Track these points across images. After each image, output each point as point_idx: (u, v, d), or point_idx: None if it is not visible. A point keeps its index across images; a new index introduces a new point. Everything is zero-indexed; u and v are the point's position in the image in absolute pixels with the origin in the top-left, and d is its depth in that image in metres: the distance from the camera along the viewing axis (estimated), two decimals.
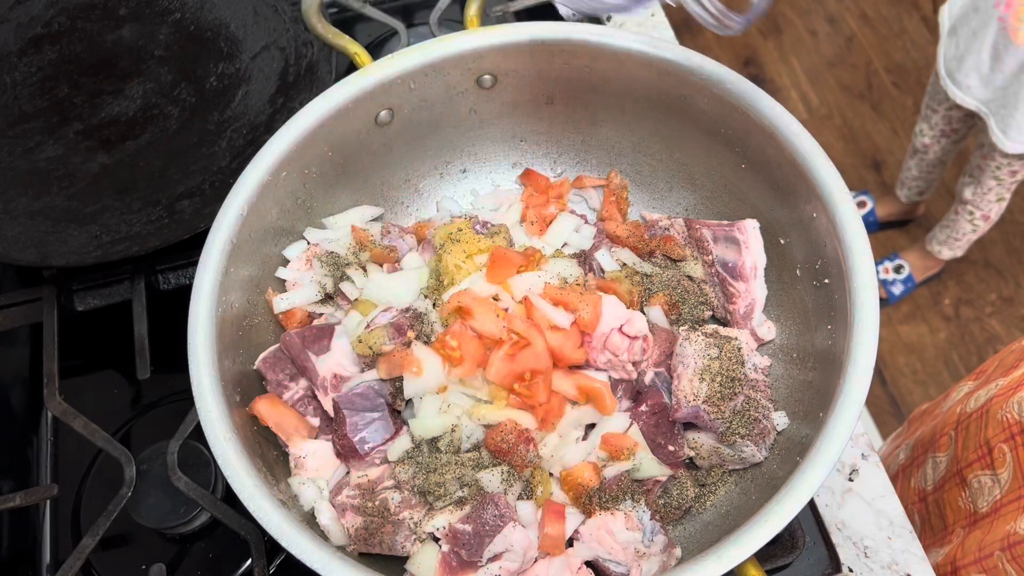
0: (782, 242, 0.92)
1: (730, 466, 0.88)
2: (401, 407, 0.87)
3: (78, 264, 1.03)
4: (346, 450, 0.85)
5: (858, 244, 0.80)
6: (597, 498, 0.83)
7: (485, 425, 0.84)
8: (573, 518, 0.84)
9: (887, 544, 0.95)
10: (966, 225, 2.43)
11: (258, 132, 1.12)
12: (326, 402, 0.87)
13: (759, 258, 0.93)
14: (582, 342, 0.86)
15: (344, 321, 0.89)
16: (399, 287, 0.90)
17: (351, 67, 0.99)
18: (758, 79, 2.92)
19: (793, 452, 0.82)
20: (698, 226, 0.95)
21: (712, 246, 0.93)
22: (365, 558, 0.82)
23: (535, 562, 0.83)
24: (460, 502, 0.82)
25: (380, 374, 0.86)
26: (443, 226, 0.94)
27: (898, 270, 2.66)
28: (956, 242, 2.50)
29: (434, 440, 0.84)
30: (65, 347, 1.03)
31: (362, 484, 0.84)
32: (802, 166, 0.84)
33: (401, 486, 0.83)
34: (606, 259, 0.94)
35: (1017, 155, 2.11)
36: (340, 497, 0.83)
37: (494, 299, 0.88)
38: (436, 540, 0.82)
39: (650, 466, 0.87)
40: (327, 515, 0.83)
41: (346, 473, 0.87)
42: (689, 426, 0.88)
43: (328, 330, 0.88)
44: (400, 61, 0.92)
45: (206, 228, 0.85)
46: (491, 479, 0.82)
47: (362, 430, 0.84)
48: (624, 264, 0.94)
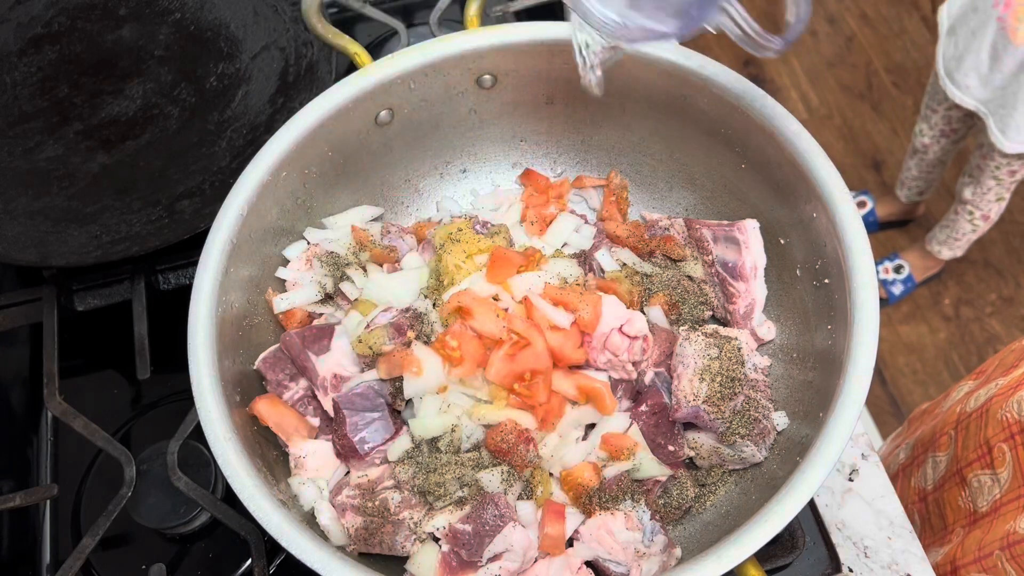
0: (782, 242, 0.92)
1: (730, 466, 0.88)
2: (401, 407, 0.87)
3: (78, 264, 1.03)
4: (346, 450, 0.85)
5: (858, 244, 0.80)
6: (597, 498, 0.83)
7: (485, 425, 0.84)
8: (573, 518, 0.84)
9: (887, 544, 0.95)
10: (966, 225, 2.43)
11: (258, 132, 1.12)
12: (326, 402, 0.87)
13: (759, 258, 0.93)
14: (582, 342, 0.86)
15: (344, 321, 0.89)
16: (399, 287, 0.90)
17: (351, 67, 0.99)
18: (758, 79, 2.92)
19: (793, 452, 0.82)
20: (698, 226, 0.95)
21: (712, 246, 0.93)
22: (365, 558, 0.82)
23: (535, 562, 0.83)
24: (460, 502, 0.82)
25: (380, 374, 0.85)
26: (443, 226, 0.94)
27: (898, 270, 2.66)
28: (956, 242, 2.50)
29: (434, 440, 0.84)
30: (65, 347, 1.03)
31: (362, 484, 0.84)
32: (802, 166, 0.85)
33: (401, 486, 0.83)
34: (606, 259, 0.94)
35: (1016, 155, 2.11)
36: (340, 497, 0.83)
37: (494, 299, 0.88)
38: (436, 540, 0.82)
39: (650, 466, 0.87)
40: (327, 515, 0.83)
41: (346, 473, 0.87)
42: (689, 426, 0.88)
43: (328, 330, 0.88)
44: (400, 61, 0.92)
45: (206, 228, 0.85)
46: (491, 479, 0.82)
47: (362, 430, 0.84)
48: (624, 264, 0.94)
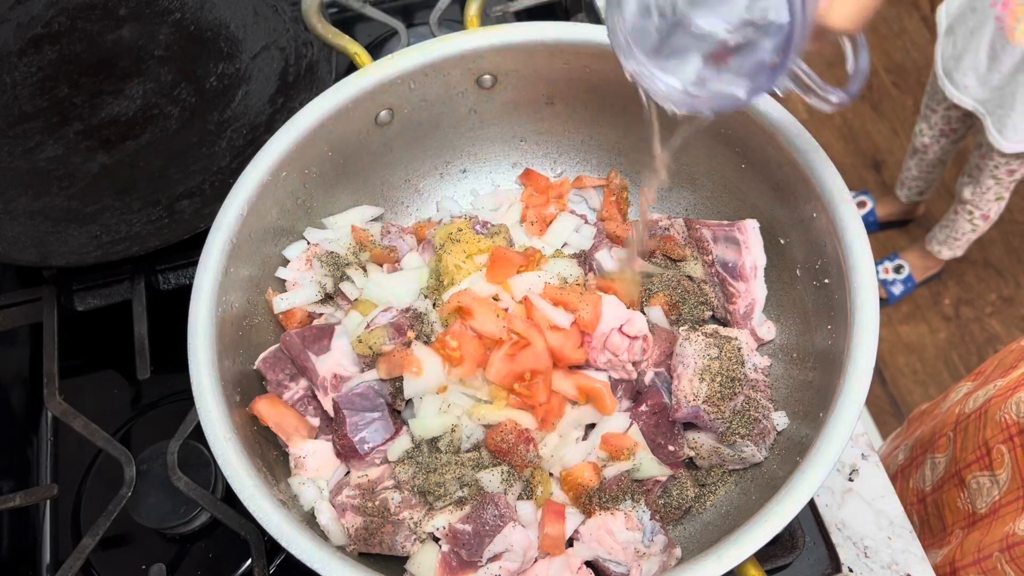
0: (782, 242, 0.92)
1: (730, 466, 0.88)
2: (401, 407, 0.87)
3: (78, 264, 1.03)
4: (346, 450, 0.85)
5: (858, 244, 0.80)
6: (597, 498, 0.83)
7: (485, 425, 0.84)
8: (573, 518, 0.84)
9: (887, 544, 0.95)
10: (965, 225, 2.43)
11: (258, 132, 1.12)
12: (326, 402, 0.87)
13: (759, 258, 0.93)
14: (582, 342, 0.86)
15: (344, 321, 0.89)
16: (399, 287, 0.90)
17: (351, 67, 0.99)
18: None
19: (793, 452, 0.82)
20: (698, 226, 0.95)
21: (712, 246, 0.93)
22: (365, 558, 0.82)
23: (535, 562, 0.83)
24: (460, 502, 0.82)
25: (380, 374, 0.85)
26: (443, 226, 0.94)
27: (898, 270, 2.66)
28: (956, 242, 2.50)
29: (434, 440, 0.84)
30: (65, 347, 1.03)
31: (362, 484, 0.84)
32: (802, 166, 0.84)
33: (401, 486, 0.83)
34: (606, 259, 0.94)
35: (1014, 154, 2.11)
36: (340, 497, 0.83)
37: (494, 299, 0.88)
38: (436, 540, 0.82)
39: (650, 466, 0.87)
40: (327, 515, 0.83)
41: (346, 473, 0.87)
42: (689, 426, 0.88)
43: (328, 330, 0.88)
44: (400, 61, 0.92)
45: (206, 228, 0.85)
46: (491, 479, 0.82)
47: (362, 430, 0.84)
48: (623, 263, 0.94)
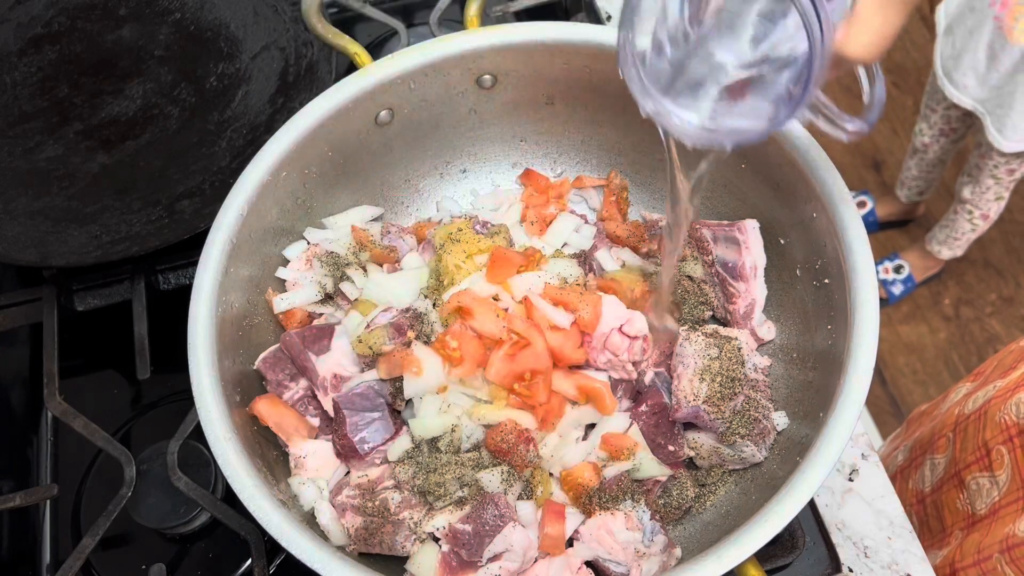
0: (782, 242, 0.92)
1: (730, 466, 0.88)
2: (401, 407, 0.87)
3: (78, 264, 1.03)
4: (346, 450, 0.85)
5: (858, 244, 0.80)
6: (597, 498, 0.83)
7: (485, 425, 0.84)
8: (573, 518, 0.84)
9: (887, 544, 0.95)
10: (965, 224, 2.43)
11: (258, 132, 1.12)
12: (326, 402, 0.87)
13: (759, 258, 0.93)
14: (582, 342, 0.86)
15: (344, 321, 0.89)
16: (399, 287, 0.90)
17: (351, 67, 0.99)
18: None
19: (793, 452, 0.82)
20: (698, 226, 0.95)
21: (712, 246, 0.93)
22: (365, 558, 0.82)
23: (535, 562, 0.83)
24: (460, 502, 0.82)
25: (380, 374, 0.85)
26: (443, 226, 0.94)
27: (898, 270, 2.66)
28: (956, 241, 2.50)
29: (434, 440, 0.84)
30: (65, 347, 1.03)
31: (362, 484, 0.84)
32: (802, 166, 0.84)
33: (401, 486, 0.83)
34: (606, 259, 0.94)
35: (1014, 153, 2.11)
36: (340, 497, 0.83)
37: (494, 299, 0.88)
38: (436, 540, 0.82)
39: (650, 466, 0.87)
40: (327, 515, 0.83)
41: (346, 473, 0.87)
42: (689, 426, 0.88)
43: (328, 330, 0.88)
44: (400, 61, 0.92)
45: (206, 228, 0.85)
46: (491, 479, 0.82)
47: (362, 430, 0.84)
48: (624, 263, 0.94)
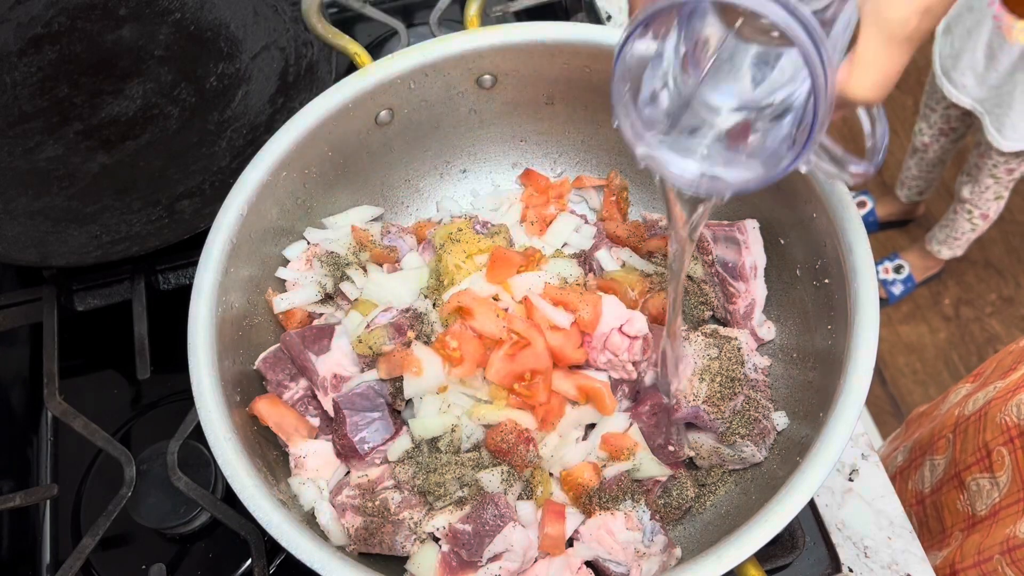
0: (782, 242, 0.92)
1: (730, 466, 0.88)
2: (401, 407, 0.87)
3: (78, 264, 1.03)
4: (346, 450, 0.85)
5: (858, 244, 0.80)
6: (597, 498, 0.83)
7: (485, 425, 0.84)
8: (573, 518, 0.84)
9: (887, 544, 0.95)
10: (965, 224, 2.43)
11: (258, 132, 1.12)
12: (326, 402, 0.87)
13: (759, 258, 0.93)
14: (582, 342, 0.86)
15: (344, 321, 0.89)
16: (399, 287, 0.90)
17: (351, 67, 0.99)
18: None
19: (793, 452, 0.82)
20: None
21: (712, 246, 0.93)
22: (365, 558, 0.82)
23: (535, 562, 0.83)
24: (460, 502, 0.82)
25: (380, 374, 0.85)
26: (443, 226, 0.94)
27: (898, 270, 2.66)
28: (955, 241, 2.50)
29: (434, 440, 0.84)
30: (65, 347, 1.03)
31: (362, 484, 0.84)
32: None
33: (401, 486, 0.83)
34: (606, 259, 0.94)
35: (1013, 153, 2.11)
36: (340, 497, 0.83)
37: (494, 299, 0.88)
38: (436, 540, 0.82)
39: (650, 466, 0.87)
40: (327, 515, 0.83)
41: (346, 473, 0.87)
42: (689, 426, 0.88)
43: (328, 330, 0.88)
44: (400, 61, 0.92)
45: (206, 228, 0.85)
46: (491, 479, 0.82)
47: (362, 430, 0.84)
48: (624, 263, 0.94)
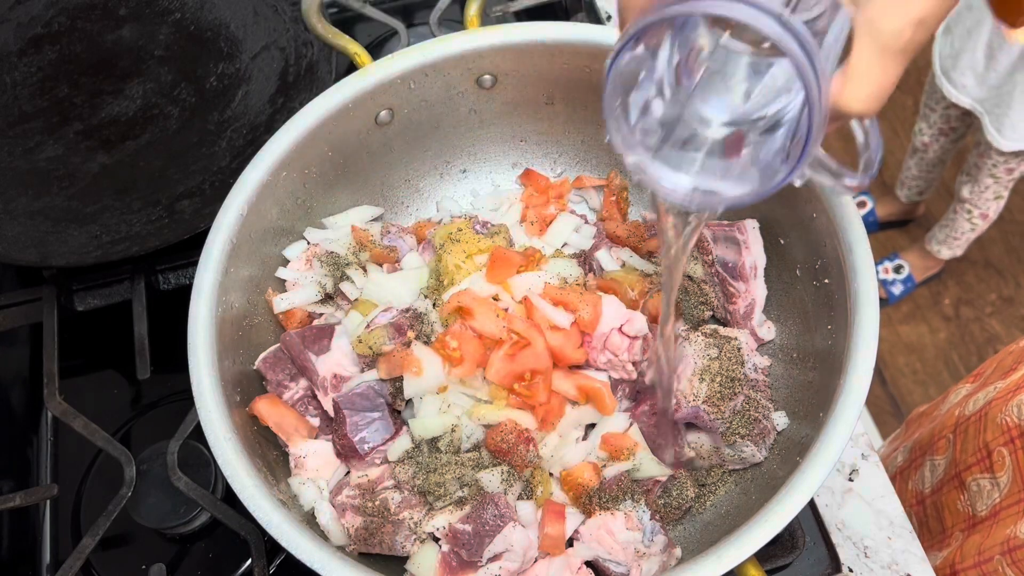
0: (782, 242, 0.92)
1: (730, 466, 0.88)
2: (401, 407, 0.87)
3: (78, 264, 1.03)
4: (346, 450, 0.85)
5: (858, 244, 0.80)
6: (597, 498, 0.83)
7: (485, 425, 0.84)
8: (573, 518, 0.84)
9: (887, 544, 0.95)
10: (965, 224, 2.43)
11: (258, 132, 1.12)
12: (326, 402, 0.87)
13: (759, 258, 0.93)
14: (582, 342, 0.86)
15: (344, 321, 0.89)
16: (399, 287, 0.90)
17: (351, 67, 0.99)
18: None
19: (793, 452, 0.82)
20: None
21: (712, 246, 0.93)
22: (365, 558, 0.82)
23: (535, 562, 0.83)
24: (460, 502, 0.82)
25: (380, 374, 0.85)
26: (443, 226, 0.94)
27: (898, 270, 2.66)
28: (955, 241, 2.50)
29: (434, 440, 0.84)
30: (65, 347, 1.03)
31: (362, 484, 0.84)
32: None
33: (401, 486, 0.83)
34: (606, 259, 0.94)
35: (1013, 152, 2.12)
36: (340, 497, 0.83)
37: (494, 299, 0.88)
38: (436, 540, 0.82)
39: (650, 466, 0.87)
40: (327, 515, 0.83)
41: (346, 473, 0.87)
42: (689, 426, 0.88)
43: (328, 330, 0.88)
44: (400, 61, 0.92)
45: (206, 228, 0.85)
46: (491, 479, 0.82)
47: (362, 430, 0.84)
48: (624, 263, 0.94)
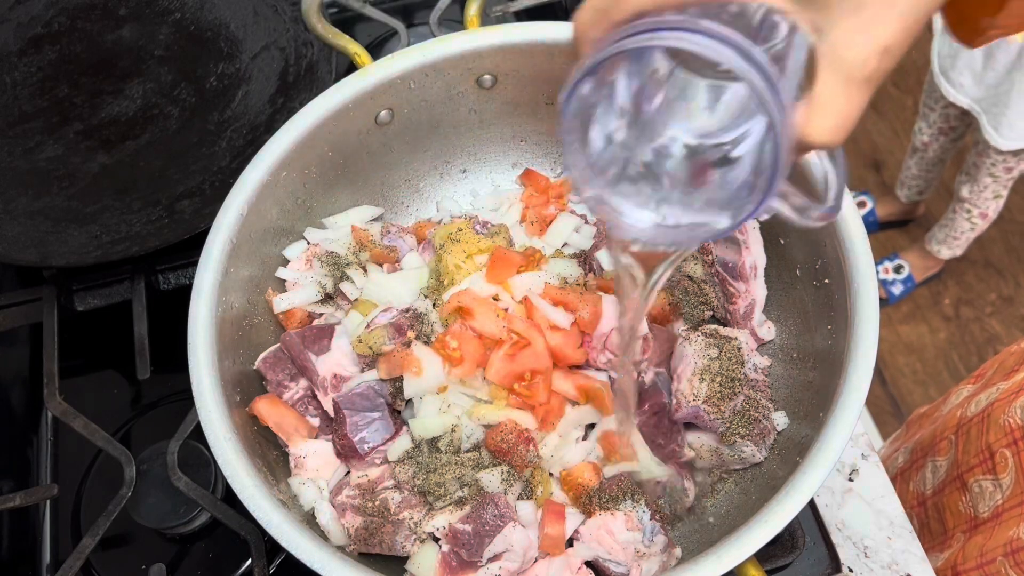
0: (782, 242, 0.92)
1: (730, 466, 0.88)
2: (401, 407, 0.87)
3: (78, 264, 1.03)
4: (346, 450, 0.85)
5: (858, 244, 0.80)
6: (597, 498, 0.83)
7: (485, 425, 0.84)
8: (573, 518, 0.84)
9: (887, 544, 0.95)
10: (964, 223, 2.43)
11: (258, 132, 1.12)
12: (326, 402, 0.87)
13: (759, 258, 0.93)
14: (582, 342, 0.86)
15: (344, 321, 0.89)
16: (399, 287, 0.90)
17: (351, 67, 0.99)
18: None
19: (793, 452, 0.82)
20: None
21: (712, 246, 0.93)
22: (365, 558, 0.82)
23: (535, 562, 0.82)
24: (460, 502, 0.82)
25: (380, 374, 0.85)
26: (443, 226, 0.94)
27: (898, 270, 2.66)
28: (955, 241, 2.50)
29: (434, 440, 0.84)
30: (65, 347, 1.03)
31: (362, 484, 0.84)
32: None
33: (401, 486, 0.83)
34: (606, 259, 0.94)
35: (1011, 151, 2.12)
36: (340, 497, 0.83)
37: (494, 299, 0.88)
38: (436, 540, 0.82)
39: (650, 466, 0.87)
40: (327, 515, 0.83)
41: (346, 473, 0.87)
42: (689, 426, 0.88)
43: (328, 330, 0.88)
44: (400, 61, 0.92)
45: (206, 228, 0.85)
46: (491, 479, 0.82)
47: (362, 430, 0.84)
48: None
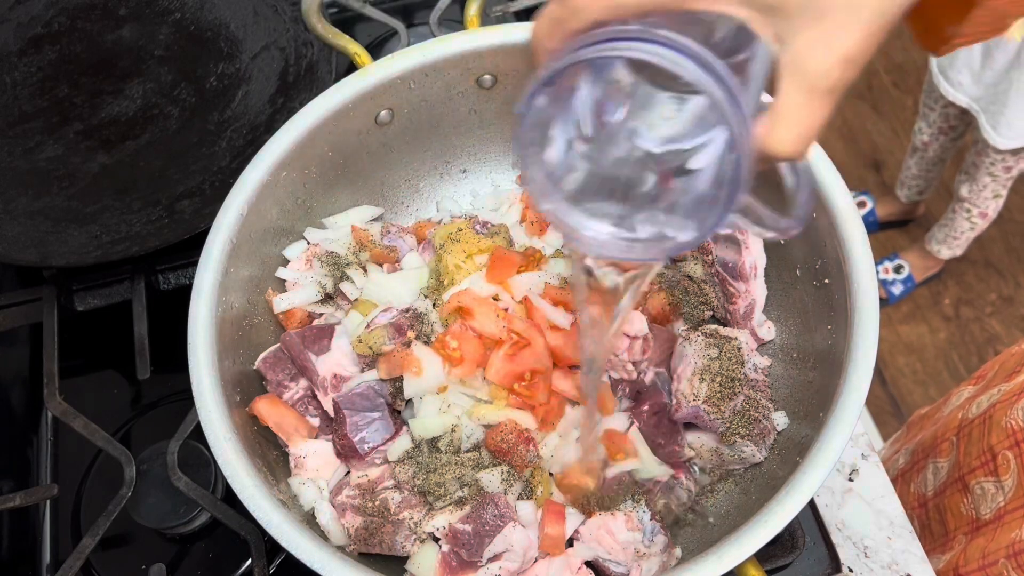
0: (782, 242, 0.92)
1: (730, 466, 0.88)
2: (401, 407, 0.87)
3: (78, 264, 1.03)
4: (346, 450, 0.85)
5: (858, 244, 0.80)
6: (597, 498, 0.83)
7: (485, 425, 0.84)
8: (573, 518, 0.84)
9: (887, 544, 0.95)
10: (964, 223, 2.43)
11: (258, 132, 1.12)
12: (326, 402, 0.87)
13: (759, 258, 0.93)
14: None
15: (344, 321, 0.89)
16: (399, 287, 0.90)
17: (351, 67, 0.99)
18: None
19: (793, 452, 0.82)
20: None
21: (712, 246, 0.93)
22: (365, 558, 0.82)
23: (535, 562, 0.83)
24: (460, 502, 0.82)
25: (380, 374, 0.85)
26: (443, 226, 0.94)
27: (898, 270, 2.66)
28: (955, 241, 2.51)
29: (434, 440, 0.84)
30: (65, 347, 1.03)
31: (362, 484, 0.84)
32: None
33: (401, 486, 0.83)
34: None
35: (1010, 150, 2.12)
36: (340, 497, 0.83)
37: (494, 299, 0.88)
38: (436, 540, 0.82)
39: (650, 466, 0.87)
40: (327, 515, 0.83)
41: (346, 473, 0.87)
42: (689, 426, 0.88)
43: (328, 330, 0.88)
44: (400, 61, 0.92)
45: (206, 228, 0.85)
46: (491, 479, 0.82)
47: (362, 430, 0.84)
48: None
